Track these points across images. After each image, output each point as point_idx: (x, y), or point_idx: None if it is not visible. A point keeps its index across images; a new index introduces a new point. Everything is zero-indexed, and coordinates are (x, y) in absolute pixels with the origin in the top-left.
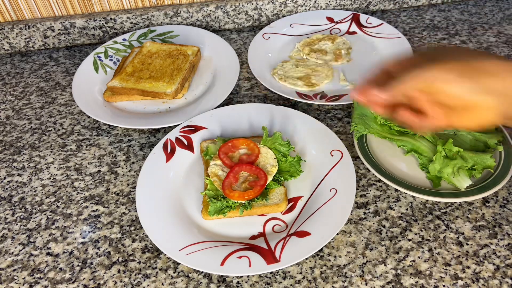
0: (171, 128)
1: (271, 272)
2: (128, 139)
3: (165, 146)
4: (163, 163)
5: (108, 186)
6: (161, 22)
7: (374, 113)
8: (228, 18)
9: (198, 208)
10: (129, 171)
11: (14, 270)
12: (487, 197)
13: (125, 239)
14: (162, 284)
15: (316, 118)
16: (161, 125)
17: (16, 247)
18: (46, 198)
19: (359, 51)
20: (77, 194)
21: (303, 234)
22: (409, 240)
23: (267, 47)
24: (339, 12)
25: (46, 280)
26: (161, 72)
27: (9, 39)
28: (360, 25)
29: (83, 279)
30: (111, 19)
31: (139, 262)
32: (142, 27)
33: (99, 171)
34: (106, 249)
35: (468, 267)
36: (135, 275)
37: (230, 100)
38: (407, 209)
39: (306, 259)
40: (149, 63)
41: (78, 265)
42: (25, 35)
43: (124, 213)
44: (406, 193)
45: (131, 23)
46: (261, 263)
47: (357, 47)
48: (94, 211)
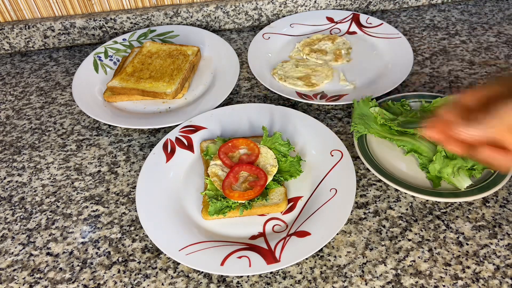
0: (171, 128)
1: (271, 272)
2: (128, 139)
3: (165, 146)
4: (163, 163)
5: (108, 186)
6: (161, 22)
7: (374, 112)
8: (228, 18)
9: (198, 208)
10: (129, 171)
11: (14, 270)
12: (487, 197)
13: (125, 239)
14: (162, 284)
15: (316, 118)
16: (161, 125)
17: (16, 247)
18: (46, 198)
19: (359, 51)
20: (77, 194)
21: (303, 234)
22: (409, 240)
23: (267, 47)
24: (339, 12)
25: (46, 280)
26: (161, 72)
27: (9, 39)
28: (360, 25)
29: (83, 279)
30: (111, 19)
31: (139, 262)
32: (142, 27)
33: (99, 171)
34: (106, 249)
35: (468, 267)
36: (135, 275)
37: (230, 100)
38: (407, 209)
39: (306, 259)
40: (149, 63)
41: (78, 265)
42: (25, 35)
43: (124, 213)
44: (406, 193)
45: (131, 23)
46: (261, 263)
47: (357, 47)
48: (94, 211)
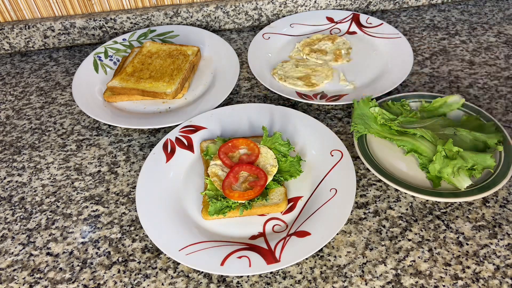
0: (171, 128)
1: (271, 272)
2: (128, 139)
3: (165, 146)
4: (163, 163)
5: (108, 186)
6: (161, 22)
7: (374, 112)
8: (228, 18)
9: (198, 208)
10: (129, 171)
11: (14, 270)
12: (487, 197)
13: (125, 239)
14: (162, 284)
15: (316, 118)
16: (161, 125)
17: (16, 247)
18: (46, 198)
19: (359, 51)
20: (77, 194)
21: (303, 234)
22: (409, 240)
23: (267, 47)
24: (339, 12)
25: (46, 280)
26: (161, 72)
27: (9, 39)
28: (360, 25)
29: (83, 279)
30: (111, 19)
31: (139, 262)
32: (142, 27)
33: (99, 171)
34: (106, 249)
35: (468, 267)
36: (135, 275)
37: (230, 100)
38: (407, 209)
39: (306, 259)
40: (149, 63)
41: (78, 265)
42: (25, 35)
43: (124, 213)
44: (406, 193)
45: (131, 23)
46: (261, 263)
47: (357, 47)
48: (94, 211)
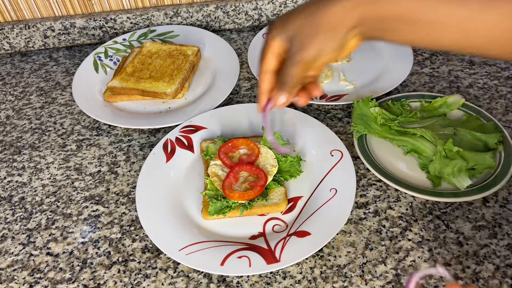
0: (171, 128)
1: (271, 272)
2: (128, 139)
3: (165, 146)
4: (163, 163)
5: (108, 186)
6: (161, 22)
7: (374, 112)
8: (228, 18)
9: (198, 208)
10: (129, 171)
11: (14, 270)
12: (487, 197)
13: (125, 239)
14: (162, 284)
15: (316, 118)
16: (161, 125)
17: (16, 247)
18: (46, 198)
19: (359, 51)
20: (77, 194)
21: (303, 234)
22: (409, 240)
23: None
24: None
25: (46, 280)
26: (161, 72)
27: (9, 39)
28: None
29: (83, 279)
30: (111, 19)
31: (139, 262)
32: (142, 27)
33: (99, 171)
34: (106, 249)
35: (468, 267)
36: (135, 275)
37: (230, 100)
38: (407, 209)
39: (306, 259)
40: (149, 63)
41: (78, 265)
42: (25, 35)
43: (124, 213)
44: (406, 193)
45: (131, 23)
46: (261, 263)
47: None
48: (94, 211)
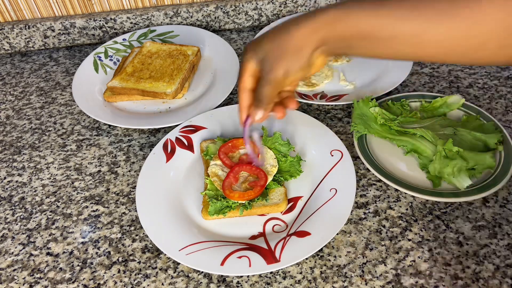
0: (171, 128)
1: (271, 272)
2: (128, 139)
3: (165, 146)
4: (163, 163)
5: (108, 186)
6: (161, 22)
7: (374, 112)
8: (228, 18)
9: (198, 208)
10: (129, 171)
11: (14, 270)
12: (487, 197)
13: (125, 239)
14: (162, 284)
15: (316, 118)
16: (161, 125)
17: (16, 247)
18: (46, 198)
19: None
20: (77, 194)
21: (303, 234)
22: (409, 240)
23: None
24: None
25: (46, 280)
26: (161, 72)
27: (9, 39)
28: None
29: (83, 279)
30: (111, 19)
31: (139, 262)
32: (142, 27)
33: (99, 171)
34: (106, 249)
35: (468, 267)
36: (135, 275)
37: (230, 100)
38: (407, 209)
39: (306, 259)
40: (149, 63)
41: (78, 265)
42: (25, 35)
43: (124, 213)
44: (406, 193)
45: (131, 23)
46: (261, 263)
47: None
48: (94, 211)
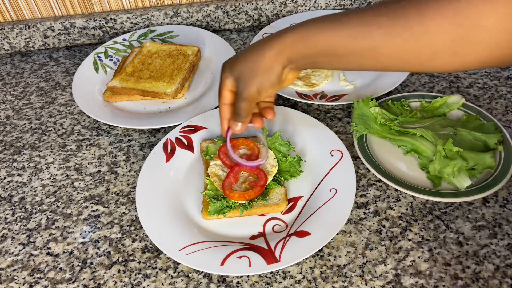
0: (171, 128)
1: (271, 272)
2: (128, 139)
3: (165, 146)
4: (163, 163)
5: (108, 186)
6: (161, 22)
7: (374, 112)
8: (228, 18)
9: (198, 208)
10: (129, 171)
11: (14, 270)
12: (487, 197)
13: (125, 239)
14: (162, 284)
15: (316, 118)
16: (161, 125)
17: (16, 247)
18: (46, 198)
19: None
20: (77, 194)
21: (303, 234)
22: (409, 240)
23: None
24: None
25: (46, 280)
26: (161, 72)
27: (9, 39)
28: None
29: (83, 279)
30: (111, 19)
31: (139, 262)
32: (142, 27)
33: (99, 171)
34: (106, 249)
35: (468, 267)
36: (135, 275)
37: None
38: (407, 209)
39: (306, 259)
40: (149, 63)
41: (78, 265)
42: (25, 35)
43: (124, 213)
44: (406, 193)
45: (131, 23)
46: (261, 263)
47: None
48: (94, 211)
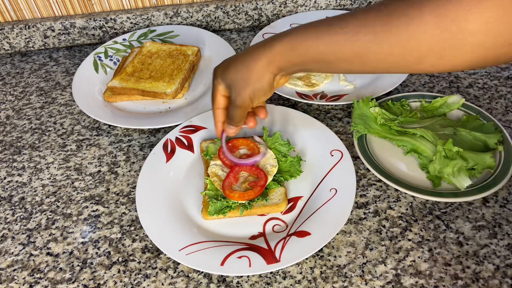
0: (171, 128)
1: (271, 272)
2: (128, 139)
3: (165, 146)
4: (163, 163)
5: (108, 186)
6: (161, 22)
7: (374, 112)
8: (228, 18)
9: (198, 208)
10: (129, 171)
11: (14, 270)
12: (487, 197)
13: (125, 239)
14: (162, 284)
15: (316, 118)
16: (161, 125)
17: (16, 247)
18: (46, 198)
19: None
20: (77, 194)
21: (303, 234)
22: (409, 240)
23: None
24: (339, 12)
25: (46, 280)
26: (161, 72)
27: (9, 39)
28: None
29: (83, 279)
30: (111, 19)
31: (139, 262)
32: (142, 27)
33: (99, 171)
34: (106, 249)
35: (468, 267)
36: (135, 275)
37: None
38: (407, 209)
39: (306, 259)
40: (149, 63)
41: (78, 265)
42: (25, 35)
43: (124, 213)
44: (406, 193)
45: (131, 23)
46: (261, 263)
47: None
48: (94, 211)
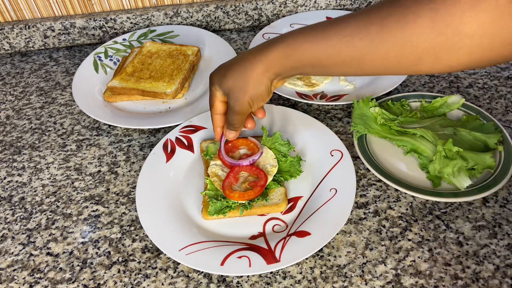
0: (171, 128)
1: (271, 272)
2: (128, 139)
3: (165, 146)
4: (163, 163)
5: (108, 186)
6: (161, 22)
7: (374, 112)
8: (228, 18)
9: (198, 208)
10: (129, 171)
11: (14, 270)
12: (487, 197)
13: (125, 239)
14: (162, 284)
15: (316, 118)
16: (161, 125)
17: (16, 247)
18: (46, 198)
19: None
20: (77, 194)
21: (303, 234)
22: (409, 240)
23: None
24: (339, 12)
25: (46, 280)
26: (161, 72)
27: (9, 39)
28: None
29: (83, 279)
30: (111, 19)
31: (139, 262)
32: (142, 27)
33: (99, 171)
34: (106, 249)
35: (468, 267)
36: (135, 275)
37: None
38: (407, 209)
39: (306, 259)
40: (149, 63)
41: (78, 265)
42: (25, 35)
43: (124, 213)
44: (406, 193)
45: (131, 23)
46: (261, 263)
47: None
48: (94, 211)
